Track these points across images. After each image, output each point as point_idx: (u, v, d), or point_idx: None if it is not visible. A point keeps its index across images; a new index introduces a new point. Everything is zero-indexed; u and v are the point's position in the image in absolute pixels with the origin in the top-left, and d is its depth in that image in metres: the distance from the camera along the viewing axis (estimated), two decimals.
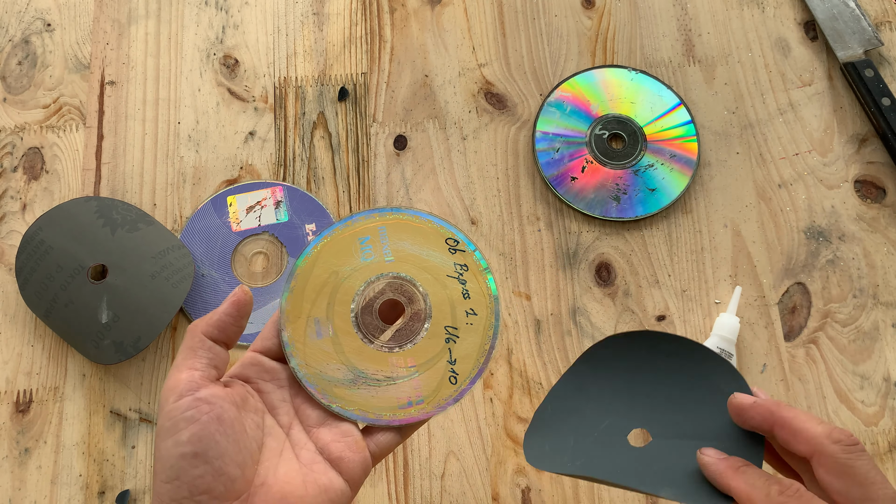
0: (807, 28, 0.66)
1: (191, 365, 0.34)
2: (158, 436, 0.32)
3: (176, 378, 0.33)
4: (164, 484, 0.31)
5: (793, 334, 0.58)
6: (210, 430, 0.32)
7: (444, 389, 0.38)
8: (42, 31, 0.65)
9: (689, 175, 0.61)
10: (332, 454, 0.36)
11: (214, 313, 0.35)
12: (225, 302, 0.36)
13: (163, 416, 0.32)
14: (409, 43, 0.66)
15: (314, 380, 0.38)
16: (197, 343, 0.35)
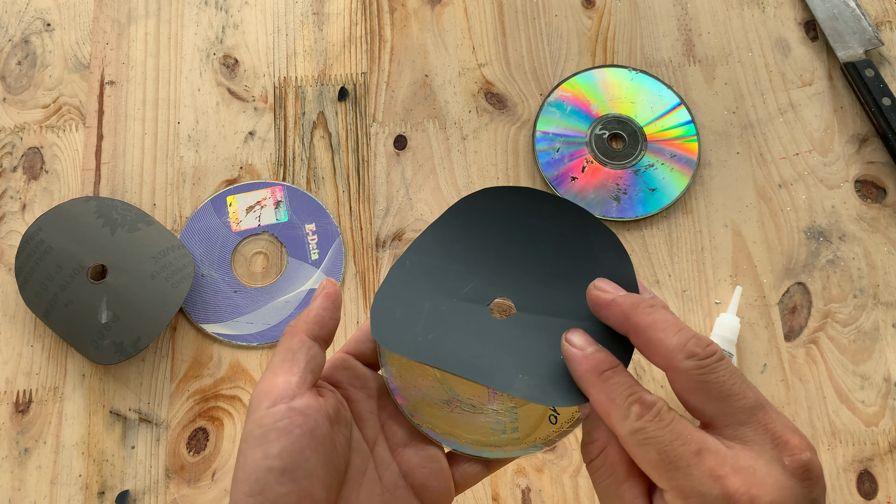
0: (807, 28, 0.66)
1: (288, 369, 0.31)
2: (245, 442, 0.30)
3: (272, 382, 0.31)
4: (246, 497, 0.29)
5: (793, 334, 0.58)
6: (302, 445, 0.30)
7: (543, 428, 0.34)
8: (42, 31, 0.65)
9: (689, 175, 0.61)
10: (416, 480, 0.34)
11: (310, 310, 0.33)
12: (317, 297, 0.34)
13: (252, 421, 0.30)
14: (409, 43, 0.65)
15: (405, 394, 0.35)
16: (297, 344, 0.32)
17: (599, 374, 0.29)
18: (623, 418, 0.28)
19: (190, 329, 0.57)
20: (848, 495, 0.54)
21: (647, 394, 0.28)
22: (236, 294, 0.58)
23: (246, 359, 0.57)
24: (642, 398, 0.28)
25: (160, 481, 0.54)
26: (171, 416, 0.55)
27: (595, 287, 0.32)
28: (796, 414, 0.56)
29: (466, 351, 0.33)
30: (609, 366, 0.30)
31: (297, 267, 0.59)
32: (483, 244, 0.35)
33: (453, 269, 0.35)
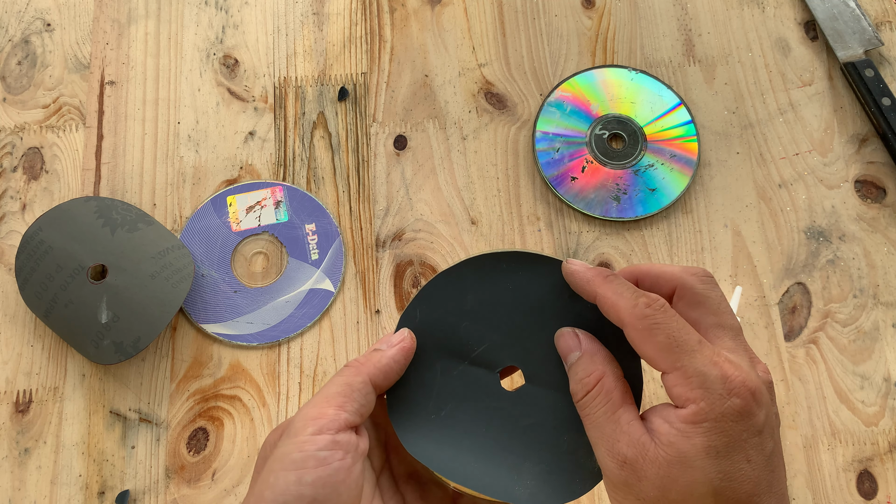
0: (807, 28, 0.66)
1: (342, 404, 0.31)
2: (280, 462, 0.30)
3: (321, 410, 0.30)
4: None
5: (793, 334, 0.58)
6: (336, 479, 0.30)
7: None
8: (42, 31, 0.65)
9: (689, 175, 0.61)
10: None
11: (382, 357, 0.33)
12: (392, 346, 0.33)
13: (293, 443, 0.30)
14: (409, 43, 0.65)
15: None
16: (359, 384, 0.32)
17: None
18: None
19: (190, 329, 0.57)
20: (848, 495, 0.54)
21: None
22: (236, 294, 0.58)
23: (246, 359, 0.57)
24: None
25: (160, 481, 0.54)
26: (171, 416, 0.55)
27: (568, 262, 0.34)
28: (796, 414, 0.56)
29: (478, 433, 0.34)
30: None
31: (297, 267, 0.59)
32: (497, 303, 0.35)
33: (464, 326, 0.35)
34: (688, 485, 0.28)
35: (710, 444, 0.28)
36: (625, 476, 0.29)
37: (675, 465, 0.29)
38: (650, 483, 0.29)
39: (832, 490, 0.54)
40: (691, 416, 0.29)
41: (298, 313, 0.58)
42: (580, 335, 0.33)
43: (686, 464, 0.28)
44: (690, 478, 0.28)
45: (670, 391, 0.30)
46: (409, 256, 0.59)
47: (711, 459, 0.28)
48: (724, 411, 0.28)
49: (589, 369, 0.32)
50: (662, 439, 0.29)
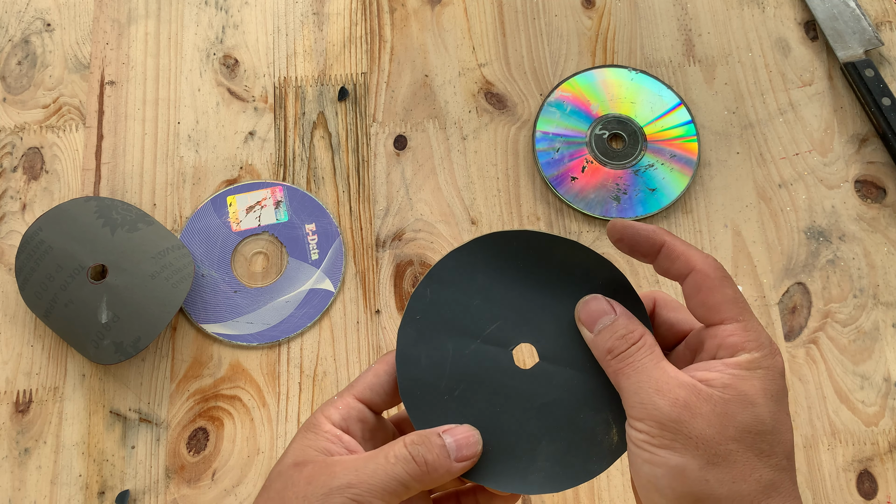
0: (807, 28, 0.66)
1: (386, 500, 0.31)
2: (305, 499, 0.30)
3: (362, 494, 0.30)
4: None
5: (793, 334, 0.58)
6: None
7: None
8: (42, 31, 0.65)
9: (689, 175, 0.61)
10: None
11: (449, 470, 0.32)
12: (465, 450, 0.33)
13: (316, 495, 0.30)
14: (409, 43, 0.65)
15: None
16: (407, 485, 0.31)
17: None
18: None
19: (190, 329, 0.57)
20: (848, 495, 0.54)
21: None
22: (236, 294, 0.58)
23: (246, 359, 0.57)
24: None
25: (160, 481, 0.54)
26: (171, 416, 0.55)
27: (615, 220, 0.34)
28: (796, 414, 0.56)
29: (492, 413, 0.33)
30: (630, 344, 0.32)
31: (297, 267, 0.59)
32: (508, 282, 0.35)
33: (476, 304, 0.34)
34: (746, 421, 0.29)
35: (766, 387, 0.30)
36: (679, 412, 0.29)
37: (733, 402, 0.30)
38: (705, 420, 0.29)
39: (832, 490, 0.54)
40: (747, 362, 0.30)
41: (298, 313, 0.58)
42: (613, 302, 0.33)
43: (746, 401, 0.30)
44: (750, 414, 0.30)
45: (724, 340, 0.31)
46: (409, 256, 0.59)
47: (768, 400, 0.30)
48: (773, 364, 0.31)
49: (631, 326, 0.32)
50: (716, 382, 0.30)
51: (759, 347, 0.31)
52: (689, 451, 0.29)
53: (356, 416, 0.34)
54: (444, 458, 0.31)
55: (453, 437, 0.32)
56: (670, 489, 0.29)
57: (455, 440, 0.32)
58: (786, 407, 0.31)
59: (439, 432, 0.32)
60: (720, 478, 0.29)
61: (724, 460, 0.29)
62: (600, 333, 0.33)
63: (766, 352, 0.31)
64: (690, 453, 0.29)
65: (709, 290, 0.32)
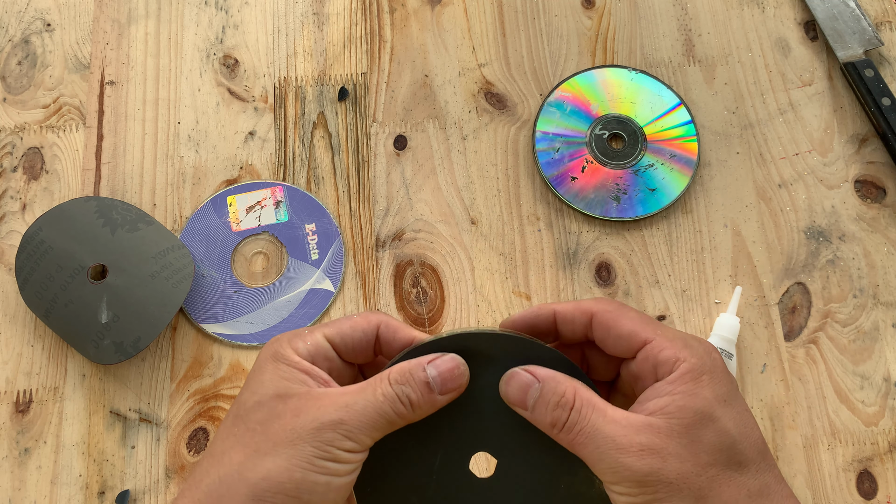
0: (807, 28, 0.66)
1: (372, 435, 0.31)
2: (294, 432, 0.30)
3: (352, 431, 0.30)
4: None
5: (793, 334, 0.58)
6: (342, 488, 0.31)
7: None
8: (42, 31, 0.65)
9: (689, 175, 0.61)
10: None
11: (428, 405, 0.32)
12: (445, 394, 0.32)
13: (326, 437, 0.30)
14: (409, 43, 0.66)
15: None
16: (393, 422, 0.31)
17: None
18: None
19: (190, 329, 0.57)
20: (848, 495, 0.54)
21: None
22: (236, 294, 0.58)
23: (246, 359, 0.57)
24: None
25: (160, 481, 0.54)
26: (172, 416, 0.55)
27: (504, 321, 0.34)
28: (796, 414, 0.56)
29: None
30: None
31: (297, 267, 0.59)
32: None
33: (412, 445, 0.33)
34: (714, 441, 0.28)
35: (716, 393, 0.29)
36: (649, 463, 0.28)
37: (694, 426, 0.29)
38: (676, 457, 0.28)
39: (832, 490, 0.54)
40: (688, 372, 0.29)
41: (298, 313, 0.58)
42: (530, 369, 0.32)
43: (705, 419, 0.29)
44: (714, 432, 0.29)
45: (657, 357, 0.30)
46: (409, 256, 0.60)
47: (725, 408, 0.29)
48: (713, 364, 0.30)
49: (559, 389, 0.31)
50: (670, 408, 0.29)
51: (693, 352, 0.30)
52: (676, 495, 0.28)
53: (323, 353, 0.33)
54: (427, 394, 0.31)
55: (437, 369, 0.31)
56: None
57: (439, 373, 0.31)
58: (741, 402, 0.30)
59: (424, 364, 0.31)
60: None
61: (710, 489, 0.28)
62: (535, 409, 0.31)
63: (701, 352, 0.30)
64: (678, 497, 0.28)
65: (615, 321, 0.31)
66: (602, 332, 0.32)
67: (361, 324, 0.34)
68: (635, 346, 0.31)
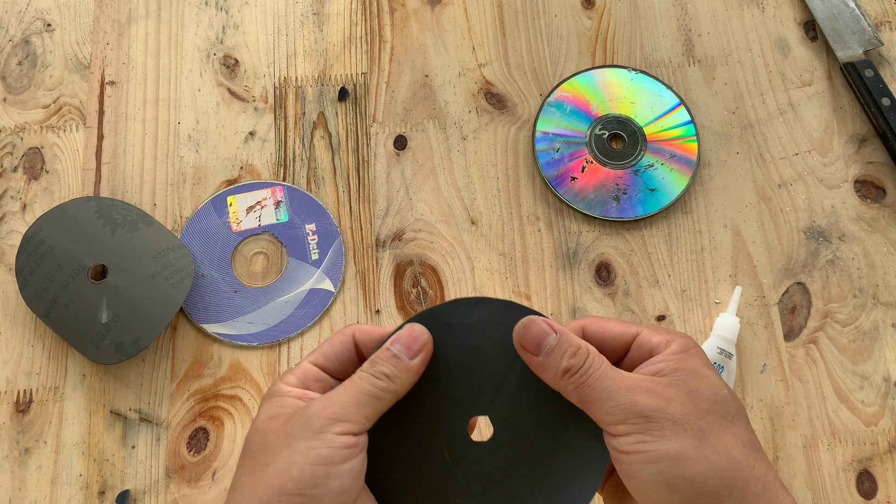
0: (807, 28, 0.66)
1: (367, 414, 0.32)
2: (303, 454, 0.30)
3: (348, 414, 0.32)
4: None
5: (793, 334, 0.58)
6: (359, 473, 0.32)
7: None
8: (42, 31, 0.65)
9: (689, 175, 0.61)
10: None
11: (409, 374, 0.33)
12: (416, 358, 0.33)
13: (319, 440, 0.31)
14: (409, 43, 0.66)
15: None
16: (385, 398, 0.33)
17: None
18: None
19: (190, 329, 0.57)
20: (847, 495, 0.54)
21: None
22: (236, 294, 0.58)
23: (246, 359, 0.57)
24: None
25: (160, 481, 0.54)
26: (172, 416, 0.55)
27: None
28: (796, 414, 0.56)
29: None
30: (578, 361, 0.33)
31: (298, 267, 0.59)
32: (438, 368, 0.34)
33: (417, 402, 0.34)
34: (709, 391, 0.31)
35: (705, 361, 0.33)
36: (656, 401, 0.30)
37: (690, 379, 0.31)
38: (678, 402, 0.31)
39: (832, 490, 0.54)
40: (679, 348, 0.33)
41: (299, 313, 0.58)
42: (548, 321, 0.33)
43: (699, 374, 0.32)
44: (708, 384, 0.32)
45: (649, 343, 0.33)
46: (409, 256, 0.60)
47: (713, 371, 0.32)
48: (696, 346, 0.33)
49: (574, 342, 0.33)
50: (667, 370, 0.32)
51: (677, 336, 0.33)
52: (680, 433, 0.30)
53: (313, 376, 0.34)
54: (399, 363, 0.33)
55: (398, 341, 0.33)
56: (679, 479, 0.29)
57: (401, 342, 0.33)
58: (719, 374, 0.34)
59: (387, 346, 0.33)
60: (716, 450, 0.30)
61: (710, 434, 0.30)
62: (549, 355, 0.32)
63: (685, 337, 0.33)
64: (683, 436, 0.30)
65: (604, 324, 0.35)
66: (597, 337, 0.34)
67: (338, 338, 0.35)
68: (628, 339, 0.34)
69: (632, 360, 0.34)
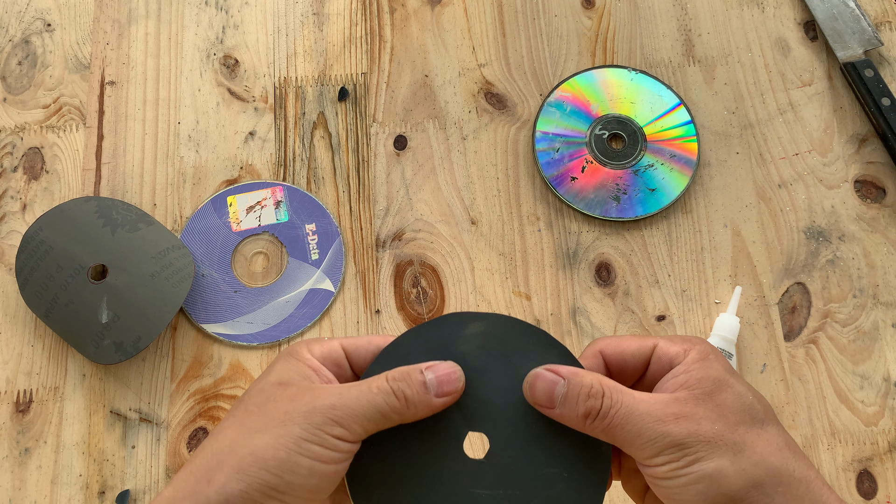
0: (807, 28, 0.66)
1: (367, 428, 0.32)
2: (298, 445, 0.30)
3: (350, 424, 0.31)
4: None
5: (793, 334, 0.58)
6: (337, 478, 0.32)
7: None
8: (42, 31, 0.65)
9: (689, 175, 0.61)
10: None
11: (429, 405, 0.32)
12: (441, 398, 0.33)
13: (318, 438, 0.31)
14: (409, 43, 0.66)
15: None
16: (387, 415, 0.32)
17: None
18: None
19: (190, 329, 0.57)
20: (847, 495, 0.54)
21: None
22: (236, 294, 0.58)
23: (246, 359, 0.57)
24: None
25: (160, 481, 0.54)
26: (172, 416, 0.55)
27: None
28: (796, 414, 0.56)
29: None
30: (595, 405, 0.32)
31: (298, 267, 0.59)
32: (473, 365, 0.34)
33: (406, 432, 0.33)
34: (735, 402, 0.31)
35: (725, 366, 0.32)
36: (686, 427, 0.30)
37: (714, 391, 0.31)
38: (707, 419, 0.30)
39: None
40: (697, 356, 0.32)
41: (299, 313, 0.58)
42: (553, 368, 0.33)
43: (723, 385, 0.31)
44: (733, 394, 0.31)
45: (668, 353, 0.33)
46: (409, 256, 0.60)
47: (735, 377, 0.32)
48: (714, 350, 0.33)
49: (586, 381, 0.32)
50: (690, 382, 0.31)
51: (695, 342, 0.33)
52: (715, 452, 0.30)
53: (335, 359, 0.34)
54: (423, 393, 0.32)
55: (435, 373, 0.32)
56: (720, 496, 0.29)
57: (437, 376, 0.32)
58: (741, 377, 0.33)
59: (422, 369, 0.32)
60: (753, 462, 0.30)
61: (744, 446, 0.30)
62: (564, 405, 0.32)
63: (701, 342, 0.33)
64: (718, 453, 0.30)
65: (620, 343, 0.34)
66: (616, 357, 0.34)
67: (378, 341, 0.35)
68: (647, 354, 0.34)
69: (653, 373, 0.34)
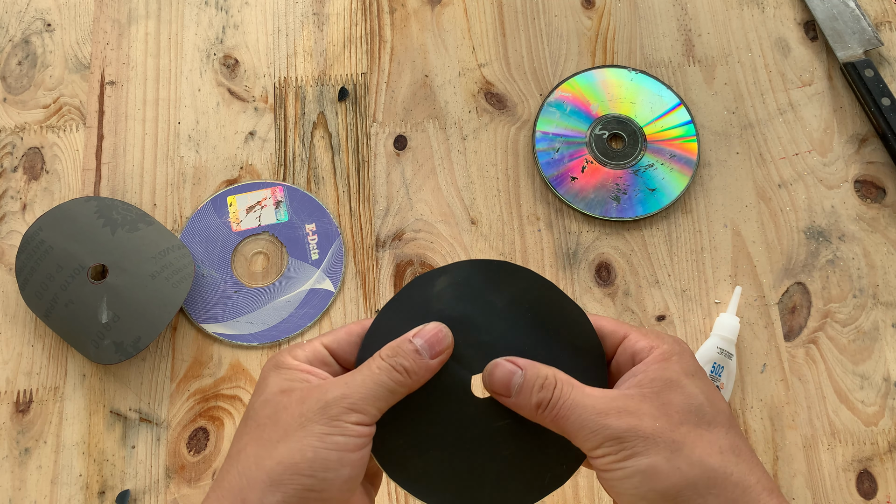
0: (807, 28, 0.66)
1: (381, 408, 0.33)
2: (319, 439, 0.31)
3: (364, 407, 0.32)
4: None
5: (793, 334, 0.58)
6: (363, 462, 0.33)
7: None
8: (42, 31, 0.65)
9: (689, 175, 0.61)
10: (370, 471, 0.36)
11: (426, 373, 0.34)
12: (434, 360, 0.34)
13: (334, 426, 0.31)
14: (409, 43, 0.66)
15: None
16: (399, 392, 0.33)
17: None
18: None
19: (190, 329, 0.57)
20: (847, 495, 0.54)
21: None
22: (236, 294, 0.58)
23: (246, 359, 0.57)
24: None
25: (160, 481, 0.54)
26: (172, 416, 0.55)
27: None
28: (796, 413, 0.56)
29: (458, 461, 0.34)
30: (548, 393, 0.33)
31: (297, 267, 0.59)
32: (452, 316, 0.35)
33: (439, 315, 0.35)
34: (682, 402, 0.32)
35: (684, 368, 0.33)
36: (627, 421, 0.31)
37: (664, 391, 0.32)
38: (650, 416, 0.31)
39: (832, 490, 0.54)
40: (661, 355, 0.33)
41: (299, 313, 0.58)
42: (511, 359, 0.34)
43: (674, 385, 0.32)
44: (682, 395, 0.32)
45: (634, 347, 0.34)
46: (409, 256, 0.60)
47: (690, 378, 0.33)
48: (683, 350, 0.34)
49: (541, 373, 0.33)
50: (642, 382, 0.32)
51: (664, 340, 0.34)
52: (651, 448, 0.30)
53: (321, 358, 0.35)
54: (419, 360, 0.33)
55: (423, 338, 0.34)
56: (652, 492, 0.30)
57: (426, 340, 0.34)
58: (707, 380, 0.34)
59: (409, 338, 0.34)
60: (689, 461, 0.30)
61: (684, 445, 0.31)
62: (519, 395, 0.33)
63: (672, 341, 0.34)
64: (653, 450, 0.30)
65: (598, 320, 0.35)
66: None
67: (356, 329, 0.36)
68: (617, 342, 0.35)
69: (618, 363, 0.35)
